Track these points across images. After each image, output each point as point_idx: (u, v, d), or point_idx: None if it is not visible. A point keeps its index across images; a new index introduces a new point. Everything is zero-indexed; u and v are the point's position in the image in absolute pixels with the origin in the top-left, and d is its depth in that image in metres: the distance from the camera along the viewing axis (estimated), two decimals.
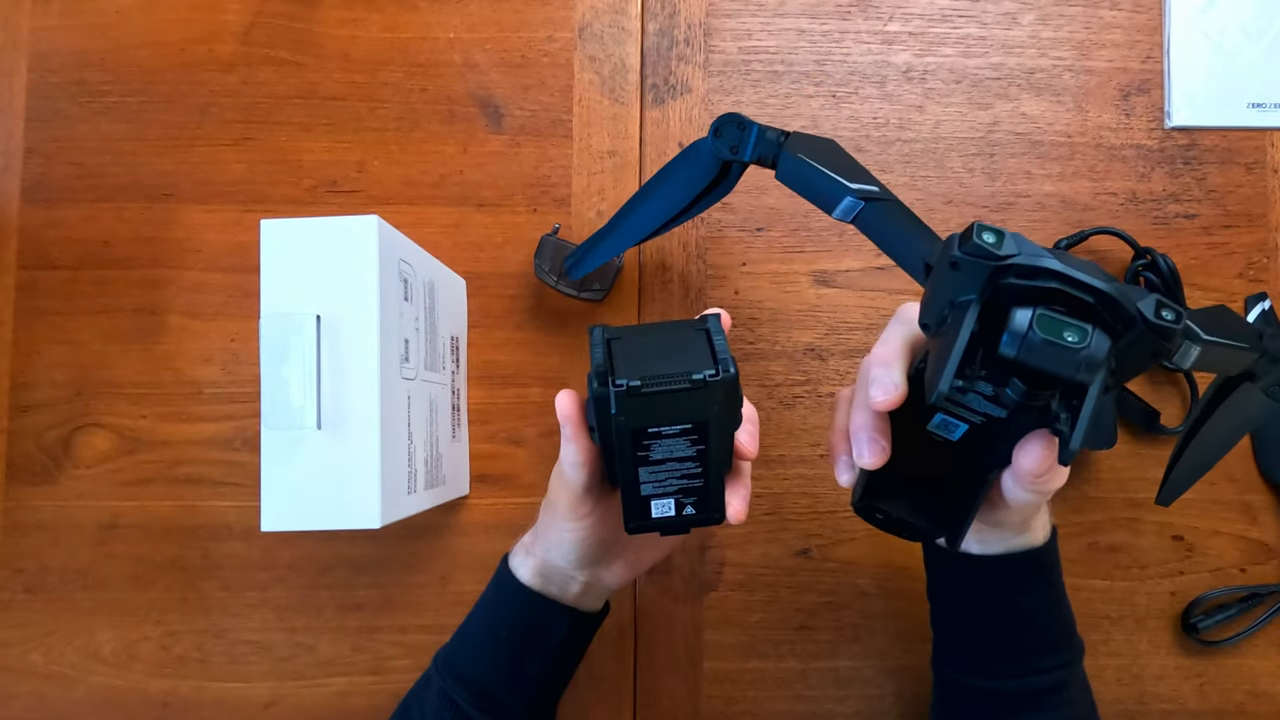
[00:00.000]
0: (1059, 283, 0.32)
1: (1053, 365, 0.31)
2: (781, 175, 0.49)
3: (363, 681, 0.61)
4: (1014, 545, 0.46)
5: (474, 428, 0.62)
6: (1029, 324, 0.32)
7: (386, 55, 0.64)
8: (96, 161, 0.63)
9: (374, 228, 0.46)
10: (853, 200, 0.46)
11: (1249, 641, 0.61)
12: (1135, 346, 0.32)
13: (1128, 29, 0.64)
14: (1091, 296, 0.32)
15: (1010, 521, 0.44)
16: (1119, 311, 0.32)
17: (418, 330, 0.52)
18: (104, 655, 0.61)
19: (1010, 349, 0.32)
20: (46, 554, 0.61)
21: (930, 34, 0.64)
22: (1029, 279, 0.32)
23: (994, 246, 0.32)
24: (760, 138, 0.49)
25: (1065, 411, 0.33)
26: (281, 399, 0.45)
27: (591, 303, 0.62)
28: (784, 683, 0.61)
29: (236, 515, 0.61)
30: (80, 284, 0.63)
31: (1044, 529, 0.47)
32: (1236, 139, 0.64)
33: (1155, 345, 0.32)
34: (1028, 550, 0.46)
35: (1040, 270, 0.32)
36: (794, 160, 0.48)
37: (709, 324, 0.40)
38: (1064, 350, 0.31)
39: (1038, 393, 0.33)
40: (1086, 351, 0.31)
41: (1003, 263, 0.32)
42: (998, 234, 0.33)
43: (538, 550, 0.48)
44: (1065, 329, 0.31)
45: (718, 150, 0.50)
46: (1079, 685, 0.48)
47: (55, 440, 0.62)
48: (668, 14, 0.64)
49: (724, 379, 0.37)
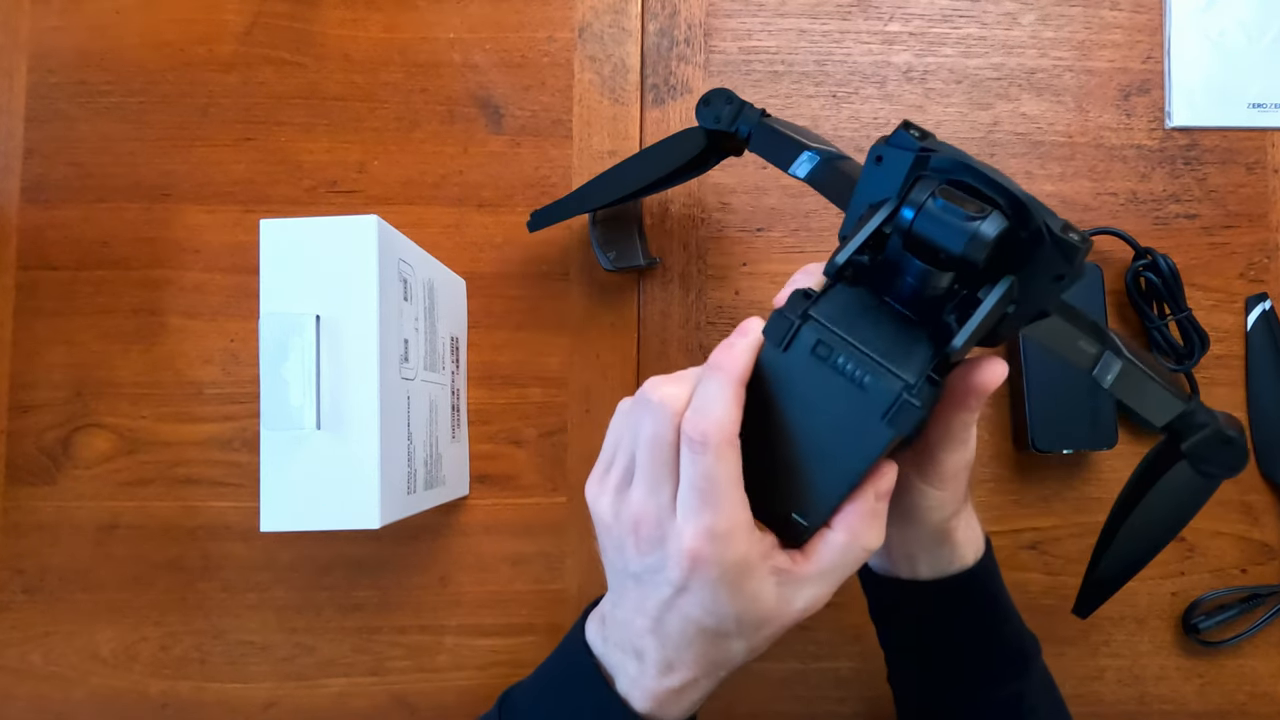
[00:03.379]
0: (973, 179, 0.32)
1: (942, 235, 0.31)
2: (754, 146, 0.52)
3: (362, 682, 0.61)
4: (942, 568, 0.43)
5: (474, 428, 0.62)
6: (930, 193, 0.31)
7: (386, 55, 0.64)
8: (96, 162, 0.63)
9: (374, 228, 0.46)
10: (810, 155, 0.47)
11: (1250, 642, 0.61)
12: (1038, 269, 0.32)
13: (1128, 29, 0.64)
14: (1003, 198, 0.31)
15: (929, 523, 0.41)
16: (1027, 219, 0.31)
17: (417, 330, 0.52)
18: (103, 656, 0.61)
19: (907, 214, 0.32)
20: (46, 555, 0.61)
21: (931, 34, 0.64)
22: (949, 173, 0.32)
23: (918, 138, 0.33)
24: (742, 111, 0.52)
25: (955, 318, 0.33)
26: (281, 399, 0.44)
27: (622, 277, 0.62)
28: (784, 683, 0.61)
29: (236, 516, 0.61)
30: (80, 284, 0.63)
31: (973, 544, 0.43)
32: (1237, 139, 0.64)
33: (1059, 266, 0.32)
34: (957, 574, 0.43)
35: (958, 164, 0.32)
36: (765, 128, 0.51)
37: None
38: (957, 221, 0.31)
39: (932, 275, 0.32)
40: (980, 225, 0.30)
41: (924, 152, 0.32)
42: (924, 132, 0.33)
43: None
44: (963, 203, 0.31)
45: (702, 119, 0.53)
46: (1037, 689, 0.45)
47: (55, 441, 0.62)
48: (668, 14, 0.64)
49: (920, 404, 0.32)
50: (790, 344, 0.34)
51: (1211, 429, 0.39)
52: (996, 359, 0.36)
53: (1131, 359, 0.38)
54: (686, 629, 0.36)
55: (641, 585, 0.36)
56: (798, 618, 0.36)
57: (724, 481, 0.33)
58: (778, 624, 0.36)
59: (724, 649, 0.37)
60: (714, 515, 0.33)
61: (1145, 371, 0.38)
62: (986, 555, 0.44)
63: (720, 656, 0.37)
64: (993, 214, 0.31)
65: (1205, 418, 0.40)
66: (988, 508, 0.62)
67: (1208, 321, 0.62)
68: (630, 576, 0.37)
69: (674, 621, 0.36)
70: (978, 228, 0.30)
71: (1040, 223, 0.31)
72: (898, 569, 0.44)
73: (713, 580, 0.34)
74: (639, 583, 0.36)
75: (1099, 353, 0.38)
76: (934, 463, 0.39)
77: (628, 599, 0.37)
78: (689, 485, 0.33)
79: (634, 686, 0.38)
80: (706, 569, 0.34)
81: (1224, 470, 0.40)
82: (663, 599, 0.35)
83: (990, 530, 0.62)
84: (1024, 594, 0.62)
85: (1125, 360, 0.38)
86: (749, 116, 0.52)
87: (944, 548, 0.43)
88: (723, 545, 0.33)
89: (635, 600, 0.37)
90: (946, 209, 0.31)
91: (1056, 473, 0.62)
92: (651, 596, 0.36)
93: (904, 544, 0.43)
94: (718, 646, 0.36)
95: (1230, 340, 0.63)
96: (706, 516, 0.33)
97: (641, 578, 0.36)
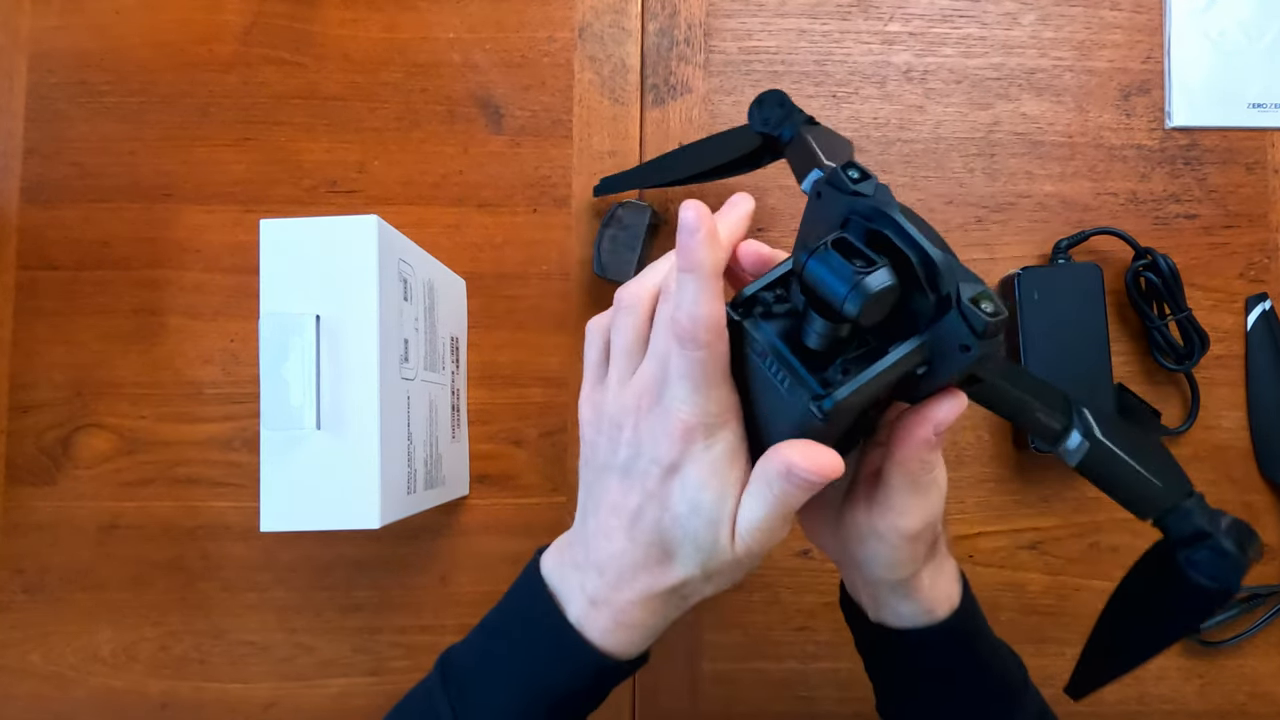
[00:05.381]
0: (892, 231, 0.31)
1: (826, 285, 0.30)
2: (788, 153, 0.52)
3: (363, 682, 0.61)
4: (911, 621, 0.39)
5: (474, 428, 0.62)
6: (819, 247, 0.31)
7: (386, 55, 0.64)
8: (96, 161, 0.63)
9: (374, 228, 0.46)
10: (818, 172, 0.47)
11: (1250, 642, 0.61)
12: (945, 335, 0.31)
13: (1128, 29, 0.64)
14: (916, 256, 0.30)
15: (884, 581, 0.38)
16: (937, 281, 0.30)
17: (417, 330, 0.52)
18: (103, 656, 0.61)
19: (801, 258, 0.31)
20: (46, 554, 0.61)
21: (931, 34, 0.64)
22: (870, 222, 0.32)
23: (853, 181, 0.32)
24: (790, 116, 0.52)
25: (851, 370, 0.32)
26: (281, 399, 0.44)
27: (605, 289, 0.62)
28: (784, 683, 0.61)
29: (236, 516, 0.61)
30: (80, 284, 0.63)
31: (945, 598, 0.39)
32: (1237, 139, 0.64)
33: (963, 336, 0.30)
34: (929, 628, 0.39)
35: (878, 213, 0.31)
36: (800, 138, 0.51)
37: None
38: (843, 274, 0.30)
39: (826, 325, 0.32)
40: (863, 278, 0.29)
41: (854, 196, 0.32)
42: (865, 175, 0.32)
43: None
44: (856, 255, 0.30)
45: (751, 120, 0.54)
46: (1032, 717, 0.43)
47: (55, 441, 0.62)
48: (668, 14, 0.64)
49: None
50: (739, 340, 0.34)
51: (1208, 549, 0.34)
52: (954, 394, 0.34)
53: (1103, 440, 0.34)
54: (661, 527, 0.35)
55: (627, 476, 0.36)
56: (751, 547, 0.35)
57: (715, 373, 0.33)
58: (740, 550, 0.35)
59: (686, 566, 0.36)
60: (706, 400, 0.33)
61: (1124, 457, 0.34)
62: (963, 604, 0.40)
63: (681, 574, 0.36)
64: (880, 269, 0.30)
65: (1203, 521, 0.35)
66: (988, 508, 0.62)
67: (1208, 321, 0.62)
68: (615, 470, 0.36)
69: (650, 516, 0.35)
70: (860, 280, 0.30)
71: (951, 288, 0.30)
72: (868, 611, 0.41)
73: (703, 460, 0.34)
74: (625, 474, 0.36)
75: (1062, 428, 0.35)
76: (891, 511, 0.36)
77: (606, 499, 0.36)
78: (680, 376, 0.33)
79: (588, 611, 0.37)
80: (698, 446, 0.34)
81: (1209, 583, 0.34)
82: (648, 487, 0.35)
83: (990, 530, 0.62)
84: (1024, 594, 0.62)
85: (1095, 441, 0.34)
86: (794, 122, 0.51)
87: (908, 602, 0.39)
88: (715, 425, 0.34)
89: (616, 497, 0.36)
90: (831, 259, 0.30)
91: (1056, 473, 0.62)
92: (636, 486, 0.35)
93: (869, 590, 0.40)
94: (682, 561, 0.36)
95: (1230, 340, 0.63)
96: (699, 399, 0.33)
97: (629, 467, 0.36)
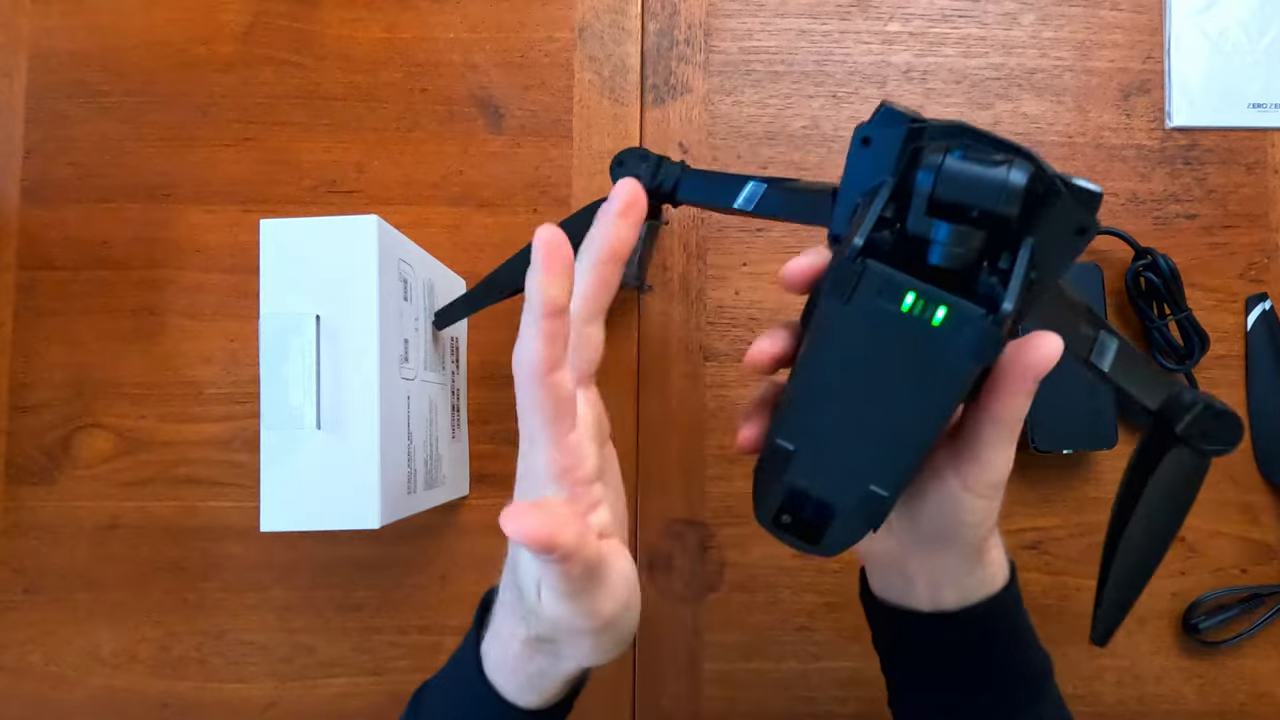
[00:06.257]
0: (975, 140, 0.30)
1: (970, 188, 0.29)
2: (682, 194, 0.51)
3: (363, 682, 0.61)
4: (969, 595, 0.39)
5: (474, 428, 0.62)
6: (945, 153, 0.30)
7: (386, 55, 0.64)
8: (96, 162, 0.63)
9: (374, 228, 0.46)
10: (755, 184, 0.47)
11: (1250, 642, 0.61)
12: (1057, 225, 0.30)
13: (1128, 29, 0.64)
14: (1013, 152, 0.30)
15: (967, 542, 0.38)
16: (1041, 171, 0.30)
17: (417, 330, 0.52)
18: (103, 656, 0.61)
19: (926, 180, 0.29)
20: (46, 555, 0.61)
21: (931, 34, 0.64)
22: (949, 138, 0.31)
23: (906, 111, 0.32)
24: (661, 166, 0.52)
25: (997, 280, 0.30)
26: (281, 399, 0.45)
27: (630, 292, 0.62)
28: (785, 684, 0.61)
29: (236, 516, 0.61)
30: (80, 284, 0.63)
31: (1002, 565, 0.40)
32: (1237, 139, 0.64)
33: (1080, 217, 0.30)
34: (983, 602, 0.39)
35: (959, 128, 0.31)
36: (694, 174, 0.51)
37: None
38: (985, 171, 0.29)
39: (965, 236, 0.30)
40: (1008, 171, 0.29)
41: (916, 124, 0.31)
42: (905, 108, 0.32)
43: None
44: (984, 153, 0.29)
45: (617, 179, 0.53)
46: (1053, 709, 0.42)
47: (55, 440, 0.62)
48: (668, 14, 0.64)
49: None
50: (854, 294, 0.30)
51: (1203, 405, 0.40)
52: (1048, 333, 0.32)
53: (1125, 340, 0.39)
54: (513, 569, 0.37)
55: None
56: (556, 611, 0.36)
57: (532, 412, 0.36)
58: (546, 612, 0.36)
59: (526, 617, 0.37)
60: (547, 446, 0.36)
61: (1139, 353, 0.39)
62: (1013, 577, 0.41)
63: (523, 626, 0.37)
64: (1017, 160, 0.29)
65: (1194, 397, 0.40)
66: None
67: (1208, 321, 0.62)
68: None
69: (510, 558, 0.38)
70: (1007, 174, 0.29)
71: (1054, 174, 0.30)
72: (917, 601, 0.40)
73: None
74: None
75: (1095, 335, 0.38)
76: (980, 464, 0.35)
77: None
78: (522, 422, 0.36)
79: (489, 639, 0.40)
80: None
81: (1223, 445, 0.40)
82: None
83: None
84: (1025, 594, 0.61)
85: (1121, 340, 0.38)
86: (669, 170, 0.52)
87: (975, 573, 0.39)
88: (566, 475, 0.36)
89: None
90: (969, 162, 0.29)
91: (1056, 473, 0.62)
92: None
93: (932, 572, 0.39)
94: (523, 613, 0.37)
95: (1230, 340, 0.63)
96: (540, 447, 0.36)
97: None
